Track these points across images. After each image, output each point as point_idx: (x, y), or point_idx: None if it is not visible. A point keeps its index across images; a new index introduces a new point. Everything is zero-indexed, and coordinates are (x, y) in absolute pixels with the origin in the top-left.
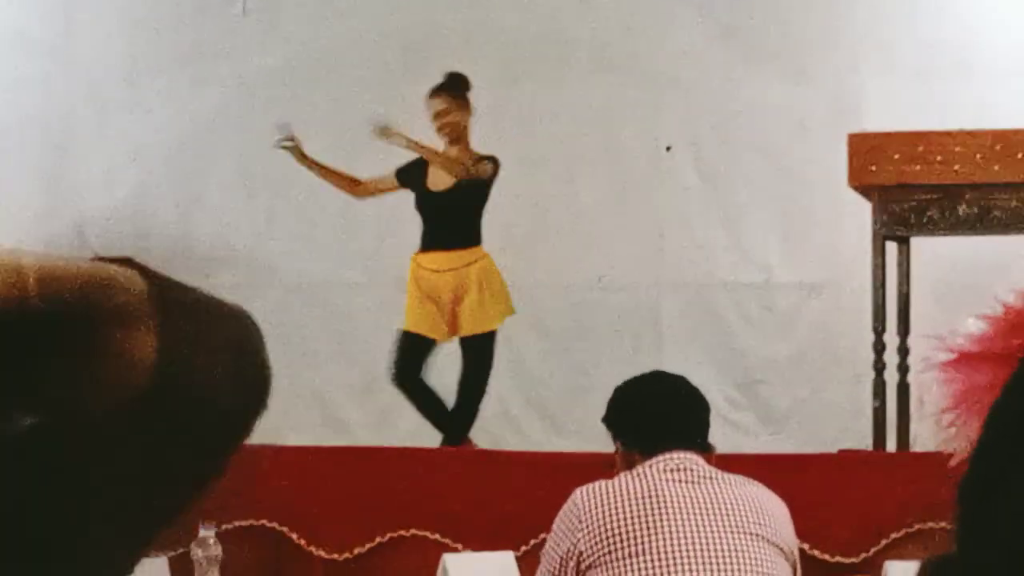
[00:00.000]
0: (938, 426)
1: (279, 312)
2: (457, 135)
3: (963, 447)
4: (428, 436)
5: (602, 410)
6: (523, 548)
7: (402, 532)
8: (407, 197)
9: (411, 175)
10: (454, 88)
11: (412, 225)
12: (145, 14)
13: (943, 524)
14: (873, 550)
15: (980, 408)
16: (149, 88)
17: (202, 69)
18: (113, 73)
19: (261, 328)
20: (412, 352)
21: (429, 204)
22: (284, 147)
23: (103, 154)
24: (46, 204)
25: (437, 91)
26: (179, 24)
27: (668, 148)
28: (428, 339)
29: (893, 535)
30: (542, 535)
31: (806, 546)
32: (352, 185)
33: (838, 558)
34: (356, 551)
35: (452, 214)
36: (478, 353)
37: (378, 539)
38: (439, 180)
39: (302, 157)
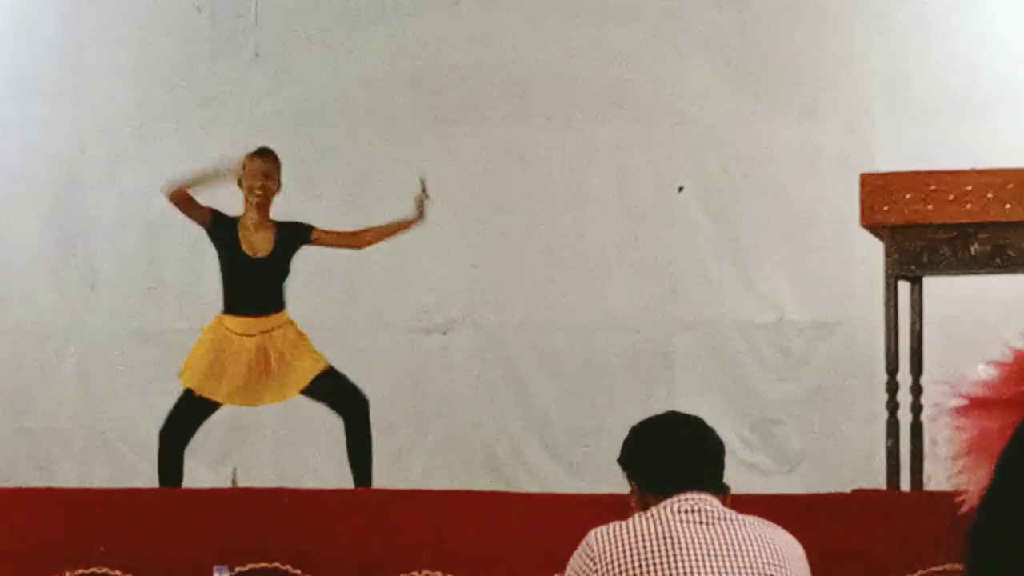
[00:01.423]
0: (950, 471)
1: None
2: (267, 202)
3: (974, 492)
4: (440, 478)
5: (615, 451)
6: None
7: (414, 573)
8: (412, 236)
9: (223, 231)
10: (274, 157)
11: (420, 268)
12: (156, 59)
13: (956, 566)
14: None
15: (990, 454)
16: (160, 130)
17: (213, 112)
18: (124, 115)
19: None
20: (193, 414)
21: (244, 267)
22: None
23: (114, 197)
24: (58, 246)
25: (263, 155)
26: (190, 67)
27: (680, 188)
28: (214, 403)
29: None
30: None
31: None
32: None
33: None
34: None
35: (265, 281)
36: (344, 397)
37: None
38: (256, 246)
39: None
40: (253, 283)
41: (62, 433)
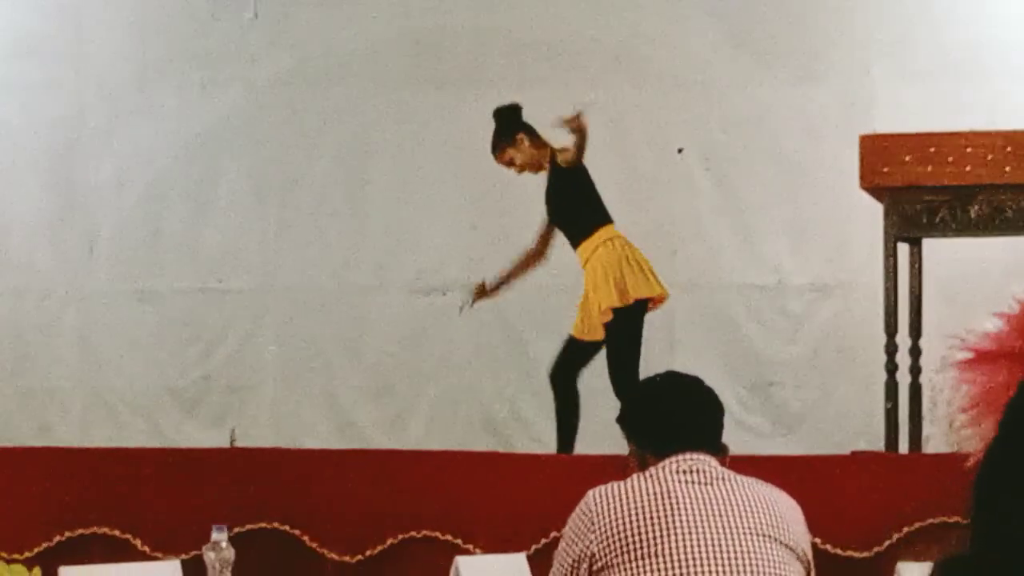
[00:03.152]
0: (952, 426)
1: (290, 316)
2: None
3: (978, 447)
4: (438, 440)
5: (614, 412)
6: (534, 548)
7: (413, 533)
8: (412, 199)
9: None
10: (501, 138)
11: (420, 230)
12: (156, 18)
13: (956, 519)
14: (886, 544)
15: (996, 408)
16: (160, 92)
17: (213, 73)
18: (124, 77)
19: (275, 332)
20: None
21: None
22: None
23: (114, 158)
24: (57, 207)
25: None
26: (190, 28)
27: (679, 151)
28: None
29: (906, 529)
30: (554, 534)
31: (818, 540)
32: (534, 258)
33: (850, 552)
34: (367, 553)
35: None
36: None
37: (389, 541)
38: None
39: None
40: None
41: (61, 394)
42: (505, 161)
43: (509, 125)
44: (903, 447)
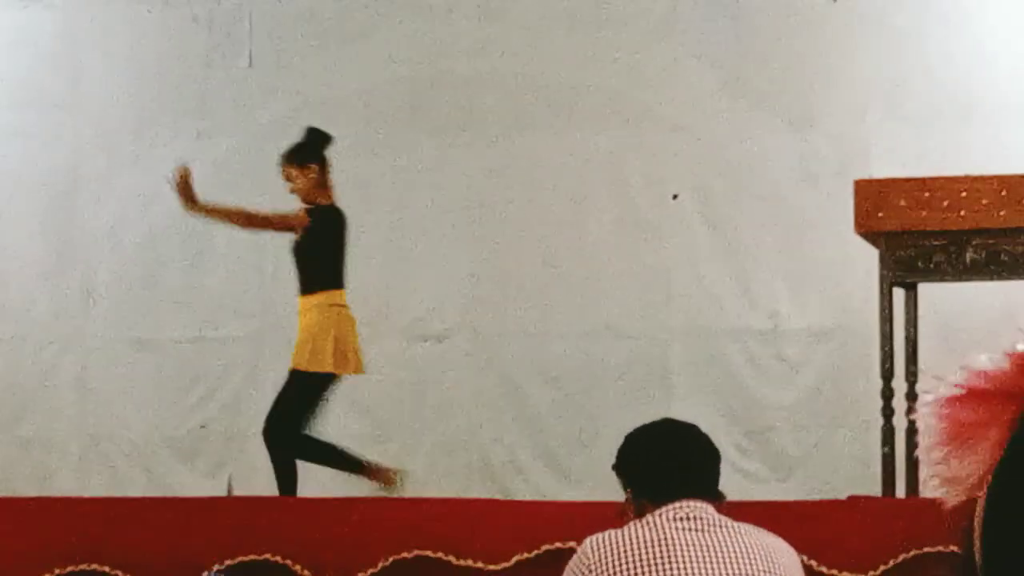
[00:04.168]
0: (926, 463)
1: (287, 363)
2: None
3: (954, 486)
4: (436, 486)
5: (611, 459)
6: (526, 556)
7: (405, 554)
8: (409, 244)
9: (328, 216)
10: (297, 155)
11: (416, 276)
12: (152, 67)
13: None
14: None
15: (965, 448)
16: (156, 140)
17: (209, 120)
18: (121, 125)
19: (273, 379)
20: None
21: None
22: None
23: (111, 206)
24: (54, 255)
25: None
26: (186, 76)
27: (675, 196)
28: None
29: (903, 556)
30: (545, 547)
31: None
32: (253, 219)
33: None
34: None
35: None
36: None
37: (381, 564)
38: None
39: (190, 201)
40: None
41: (59, 442)
42: (284, 176)
43: (311, 150)
44: (900, 491)
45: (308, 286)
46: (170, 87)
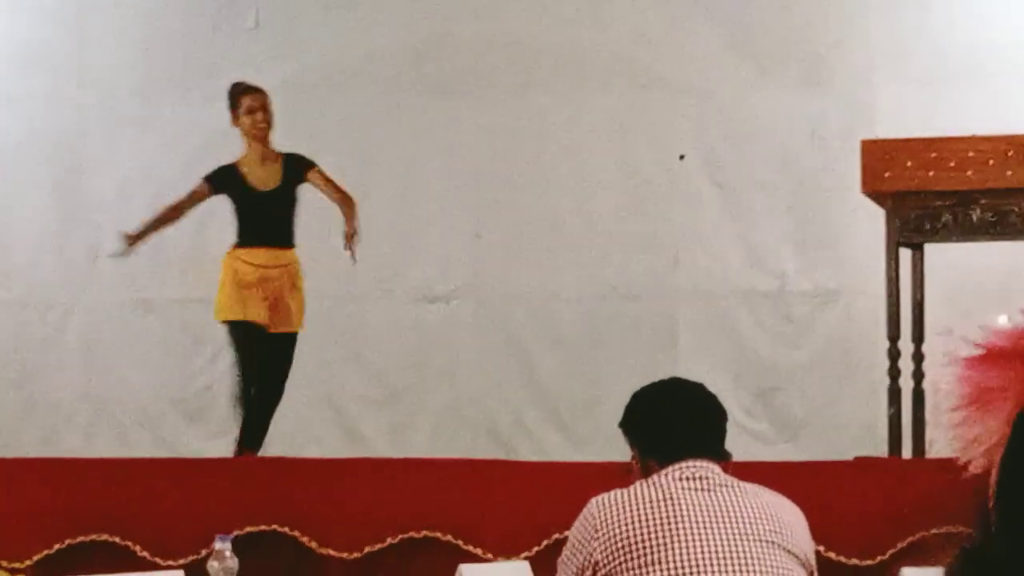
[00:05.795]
0: (949, 423)
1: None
2: (267, 134)
3: (974, 447)
4: (443, 448)
5: (617, 420)
6: (536, 550)
7: (413, 534)
8: (415, 207)
9: (228, 181)
10: (263, 91)
11: (423, 239)
12: (158, 30)
13: (960, 528)
14: (889, 553)
15: (987, 410)
16: (162, 103)
17: (215, 83)
18: (126, 88)
19: None
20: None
21: (256, 202)
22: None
23: (116, 169)
24: (59, 219)
25: (252, 90)
26: (192, 39)
27: (681, 157)
28: (260, 326)
29: (909, 539)
30: (555, 536)
31: (822, 548)
32: (172, 213)
33: (854, 561)
34: (366, 550)
35: (277, 213)
36: (284, 357)
37: (389, 540)
38: (265, 180)
39: (133, 240)
40: (267, 216)
41: (65, 405)
42: (260, 102)
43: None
44: (906, 452)
45: (290, 239)
46: (176, 50)
